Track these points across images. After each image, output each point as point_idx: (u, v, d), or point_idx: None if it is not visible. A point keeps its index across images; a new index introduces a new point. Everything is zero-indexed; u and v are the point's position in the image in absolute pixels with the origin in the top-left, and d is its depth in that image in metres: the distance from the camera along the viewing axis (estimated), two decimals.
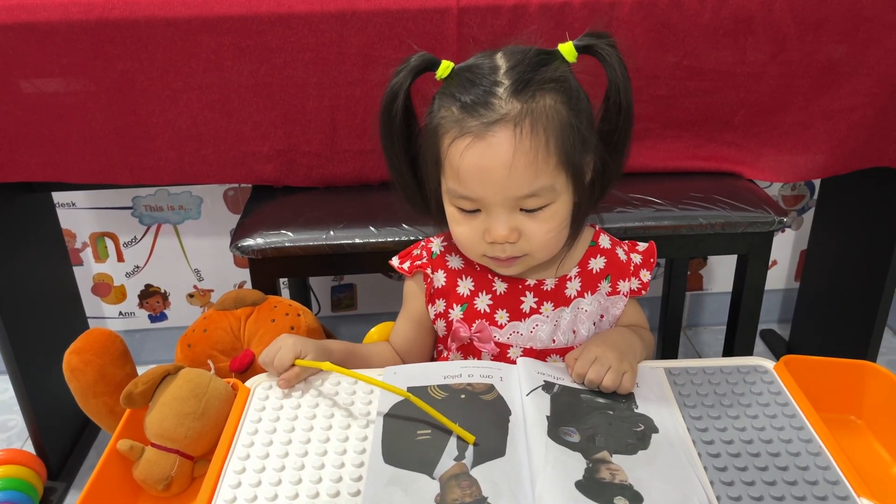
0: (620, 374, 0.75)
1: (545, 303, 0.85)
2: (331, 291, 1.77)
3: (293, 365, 0.78)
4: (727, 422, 0.72)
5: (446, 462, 0.66)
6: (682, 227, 1.11)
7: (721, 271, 1.83)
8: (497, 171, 0.72)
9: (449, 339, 0.88)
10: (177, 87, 1.08)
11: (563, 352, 0.85)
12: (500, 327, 0.85)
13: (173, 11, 1.03)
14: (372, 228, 1.09)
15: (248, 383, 0.80)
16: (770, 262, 1.83)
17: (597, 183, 0.81)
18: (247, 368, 0.91)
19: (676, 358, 1.69)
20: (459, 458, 0.66)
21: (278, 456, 0.69)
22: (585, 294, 0.86)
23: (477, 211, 0.77)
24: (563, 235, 0.80)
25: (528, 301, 0.85)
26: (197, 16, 1.03)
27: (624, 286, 0.88)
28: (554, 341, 0.85)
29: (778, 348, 1.76)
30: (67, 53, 1.04)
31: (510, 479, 0.64)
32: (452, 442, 0.68)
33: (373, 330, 0.99)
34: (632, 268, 0.88)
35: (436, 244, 0.90)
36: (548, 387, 0.75)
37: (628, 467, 0.65)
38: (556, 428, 0.69)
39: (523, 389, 0.74)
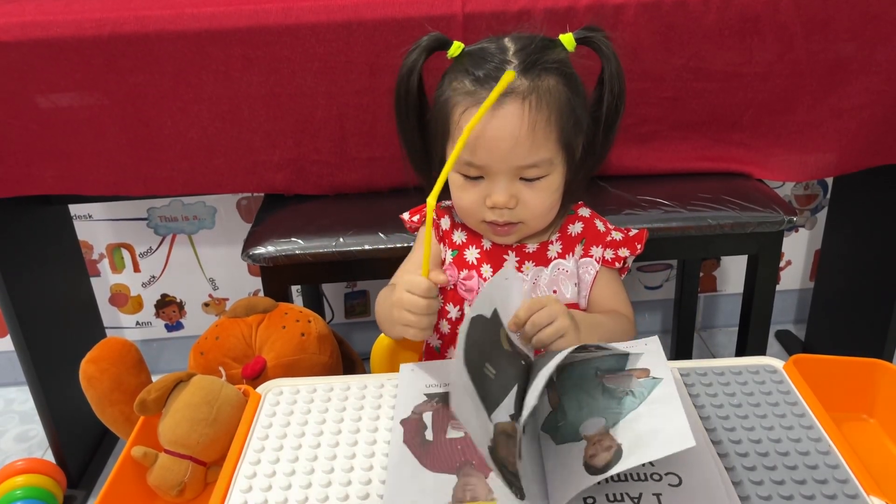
0: (562, 328, 0.74)
1: (526, 262, 0.89)
2: (344, 298, 1.78)
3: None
4: (736, 421, 0.72)
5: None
6: (690, 229, 1.11)
7: (734, 272, 1.82)
8: (505, 141, 0.78)
9: None
10: (187, 98, 1.10)
11: None
12: (485, 280, 0.90)
13: (183, 25, 1.05)
14: (381, 235, 1.10)
15: (259, 389, 0.81)
16: (784, 263, 1.82)
17: (584, 164, 0.87)
18: (258, 375, 0.92)
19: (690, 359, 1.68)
20: None
21: (289, 461, 0.70)
22: (566, 256, 0.90)
23: (480, 178, 0.82)
24: (556, 207, 0.86)
25: (511, 261, 0.90)
26: (206, 28, 1.05)
27: (596, 252, 0.90)
28: None
29: (794, 349, 1.75)
30: (80, 68, 1.06)
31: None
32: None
33: (383, 334, 0.99)
34: (608, 239, 0.91)
35: (444, 203, 0.95)
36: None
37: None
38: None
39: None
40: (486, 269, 0.90)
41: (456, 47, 0.83)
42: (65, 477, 1.37)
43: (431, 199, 0.77)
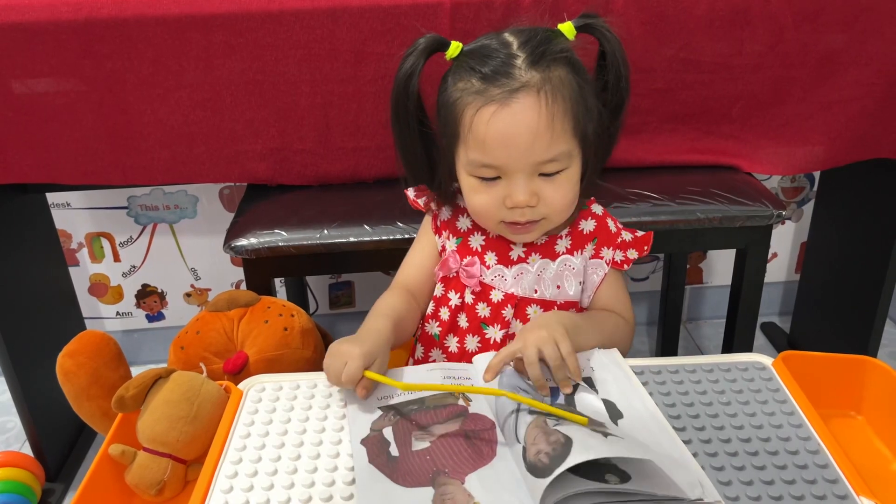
0: (553, 345, 0.74)
1: (533, 254, 0.88)
2: (328, 289, 1.76)
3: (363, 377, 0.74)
4: (724, 420, 0.71)
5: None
6: (679, 222, 1.10)
7: (721, 264, 1.81)
8: (522, 137, 0.76)
9: (437, 268, 0.91)
10: (167, 85, 1.07)
11: (544, 304, 0.88)
12: (488, 267, 0.88)
13: (162, 9, 1.02)
14: (366, 227, 1.08)
15: (241, 386, 0.79)
16: (770, 255, 1.82)
17: (598, 152, 0.85)
18: (240, 370, 0.91)
19: (676, 352, 1.68)
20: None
21: (270, 460, 0.68)
22: (574, 252, 0.88)
23: (497, 178, 0.80)
24: (576, 200, 0.84)
25: (517, 250, 0.88)
26: (187, 13, 1.02)
27: (607, 254, 0.89)
28: (536, 292, 0.87)
29: (779, 341, 1.75)
30: (56, 53, 1.03)
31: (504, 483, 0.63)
32: None
33: None
34: (619, 240, 0.90)
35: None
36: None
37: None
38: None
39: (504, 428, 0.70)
40: (490, 257, 0.88)
41: (455, 47, 0.80)
42: (43, 470, 1.35)
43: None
